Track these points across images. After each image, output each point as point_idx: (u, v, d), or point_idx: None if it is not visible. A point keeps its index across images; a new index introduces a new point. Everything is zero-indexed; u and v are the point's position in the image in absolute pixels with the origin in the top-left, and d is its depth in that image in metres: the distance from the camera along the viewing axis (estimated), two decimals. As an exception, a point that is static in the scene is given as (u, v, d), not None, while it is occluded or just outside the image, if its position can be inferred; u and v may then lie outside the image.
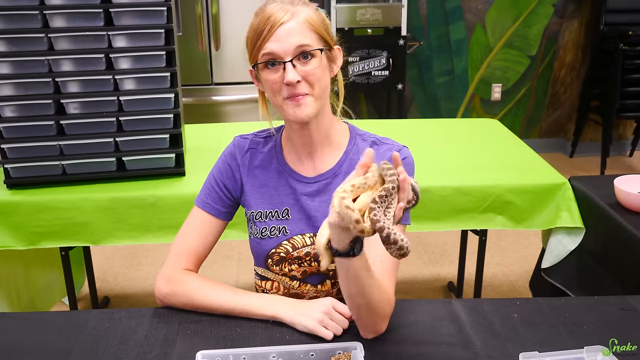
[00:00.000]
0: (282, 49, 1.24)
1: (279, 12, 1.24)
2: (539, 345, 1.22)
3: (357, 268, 1.12)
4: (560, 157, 4.93)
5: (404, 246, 1.00)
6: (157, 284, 1.37)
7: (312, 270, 1.40)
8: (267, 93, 1.31)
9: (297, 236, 1.38)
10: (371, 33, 4.16)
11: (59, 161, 2.13)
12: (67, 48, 2.03)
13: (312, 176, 1.38)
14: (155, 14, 2.06)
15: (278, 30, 1.24)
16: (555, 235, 2.23)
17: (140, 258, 3.34)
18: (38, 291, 2.47)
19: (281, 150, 1.41)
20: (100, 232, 2.12)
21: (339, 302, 1.27)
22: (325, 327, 1.23)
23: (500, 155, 2.49)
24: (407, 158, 1.35)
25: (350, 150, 1.39)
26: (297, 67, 1.24)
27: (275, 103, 1.31)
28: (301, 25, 1.25)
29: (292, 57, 1.24)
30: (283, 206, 1.39)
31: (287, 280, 1.42)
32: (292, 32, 1.24)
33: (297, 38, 1.24)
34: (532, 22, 4.69)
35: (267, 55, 1.25)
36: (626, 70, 4.24)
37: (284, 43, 1.24)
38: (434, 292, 3.06)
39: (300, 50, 1.24)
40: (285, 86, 1.25)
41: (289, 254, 1.38)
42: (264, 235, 1.39)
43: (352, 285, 1.15)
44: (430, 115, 4.86)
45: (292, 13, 1.25)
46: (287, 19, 1.24)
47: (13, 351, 1.22)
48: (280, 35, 1.24)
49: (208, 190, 1.41)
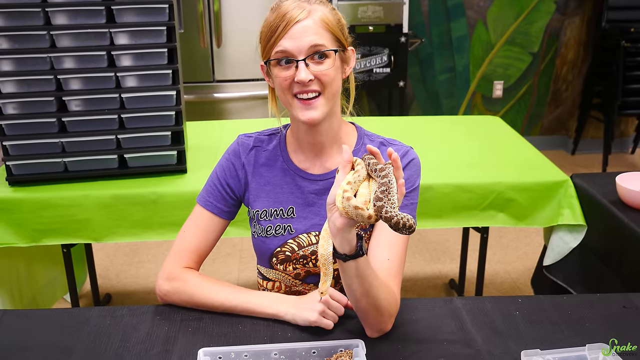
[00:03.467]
0: (296, 47, 1.23)
1: (295, 9, 1.23)
2: (541, 343, 1.23)
3: (363, 267, 1.14)
4: (562, 155, 4.93)
5: (406, 223, 1.01)
6: (158, 282, 1.37)
7: (316, 270, 1.39)
8: (277, 90, 1.31)
9: (303, 235, 1.38)
10: (372, 30, 4.15)
11: (60, 158, 2.13)
12: (69, 45, 2.03)
13: (318, 174, 1.38)
14: (157, 11, 2.06)
15: (293, 27, 1.22)
16: (557, 233, 2.23)
17: (142, 255, 3.34)
18: (40, 288, 2.47)
19: (286, 148, 1.41)
20: (101, 229, 2.12)
21: (333, 290, 1.27)
22: (325, 318, 1.25)
23: (501, 152, 2.49)
24: (414, 160, 1.36)
25: (359, 150, 1.38)
26: (309, 67, 1.24)
27: (284, 101, 1.30)
28: (317, 24, 1.24)
29: (305, 56, 1.23)
30: (288, 204, 1.38)
31: (290, 279, 1.42)
32: (307, 30, 1.23)
33: (312, 37, 1.23)
34: (533, 19, 4.69)
35: (280, 53, 1.24)
36: (628, 67, 4.23)
37: (298, 41, 1.23)
38: (436, 289, 3.06)
39: (314, 49, 1.23)
40: (295, 83, 1.25)
41: (295, 252, 1.38)
42: (269, 233, 1.39)
43: (358, 287, 1.16)
44: (431, 112, 4.85)
45: (309, 11, 1.24)
46: (303, 17, 1.23)
47: (15, 348, 1.22)
48: (295, 33, 1.22)
49: (211, 188, 1.41)
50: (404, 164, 1.34)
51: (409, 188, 1.33)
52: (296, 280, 1.42)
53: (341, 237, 1.09)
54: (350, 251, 1.11)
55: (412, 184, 1.34)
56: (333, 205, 1.08)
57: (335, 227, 1.08)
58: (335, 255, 1.13)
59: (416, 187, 1.34)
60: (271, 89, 1.37)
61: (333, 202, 1.08)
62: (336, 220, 1.08)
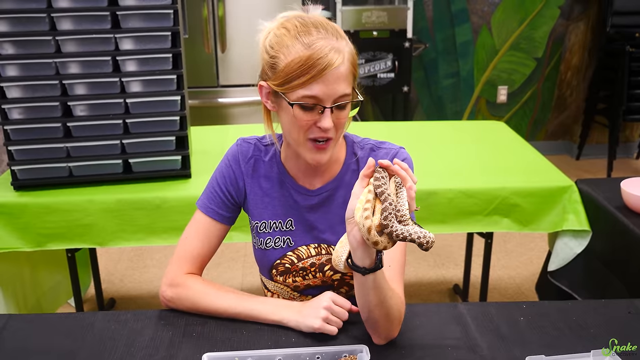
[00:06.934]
0: (327, 95, 1.18)
1: (332, 52, 1.16)
2: (546, 349, 1.22)
3: (380, 279, 1.14)
4: (567, 160, 4.92)
5: (422, 242, 1.01)
6: (161, 288, 1.37)
7: (316, 283, 1.39)
8: (289, 126, 1.25)
9: (302, 247, 1.38)
10: (377, 35, 4.16)
11: (65, 163, 2.13)
12: (74, 51, 2.04)
13: (313, 189, 1.37)
14: (162, 16, 2.06)
15: (330, 73, 1.16)
16: (561, 238, 2.22)
17: (146, 260, 3.35)
18: (44, 293, 2.48)
19: (282, 162, 1.38)
20: (106, 234, 2.12)
21: (336, 295, 1.27)
22: (329, 324, 1.24)
23: (506, 157, 2.48)
24: (406, 159, 1.34)
25: (350, 161, 1.37)
26: (333, 113, 1.20)
27: (293, 138, 1.25)
28: (347, 69, 1.19)
29: (332, 105, 1.19)
30: (287, 217, 1.38)
31: (289, 291, 1.42)
32: (340, 78, 1.18)
33: (343, 86, 1.19)
34: (538, 24, 4.69)
35: (309, 98, 1.18)
36: (633, 72, 4.22)
37: (331, 90, 1.17)
38: (440, 294, 3.05)
39: (341, 99, 1.20)
40: (315, 127, 1.21)
41: (294, 264, 1.38)
42: (268, 246, 1.38)
43: (373, 298, 1.16)
44: (435, 117, 4.85)
45: (343, 55, 1.18)
46: (339, 62, 1.17)
47: (19, 353, 1.23)
48: (329, 79, 1.17)
49: (211, 194, 1.39)
50: None
51: None
52: (295, 293, 1.42)
53: (362, 251, 1.09)
54: (370, 265, 1.11)
55: None
56: (352, 219, 1.08)
57: (356, 241, 1.08)
58: (353, 268, 1.13)
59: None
60: (266, 110, 1.31)
61: (352, 216, 1.08)
62: (357, 235, 1.08)
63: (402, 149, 1.37)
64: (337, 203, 1.36)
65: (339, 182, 1.36)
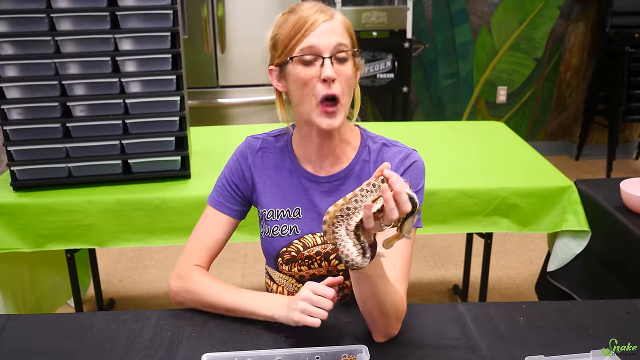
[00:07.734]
0: (324, 44, 1.24)
1: (318, 12, 1.26)
2: (545, 349, 1.22)
3: (370, 271, 1.13)
4: (566, 160, 4.92)
5: (347, 261, 1.04)
6: (169, 281, 1.39)
7: (321, 272, 1.40)
8: (296, 91, 1.29)
9: (308, 235, 1.38)
10: (376, 36, 4.16)
11: (65, 163, 2.13)
12: (74, 51, 2.04)
13: (324, 176, 1.38)
14: (161, 17, 2.07)
15: (320, 26, 1.25)
16: (561, 239, 2.22)
17: (146, 260, 3.35)
18: (44, 293, 2.48)
19: (292, 150, 1.41)
20: (105, 235, 2.12)
21: (316, 284, 1.22)
22: (310, 315, 1.19)
23: (505, 158, 2.48)
24: (417, 162, 1.35)
25: (363, 152, 1.39)
26: (333, 66, 1.25)
27: (305, 108, 1.28)
28: (340, 26, 1.27)
29: (331, 54, 1.25)
30: (295, 205, 1.39)
31: (293, 282, 1.42)
32: (333, 30, 1.26)
33: (338, 37, 1.26)
34: (537, 24, 4.69)
35: (307, 49, 1.24)
36: (632, 72, 4.22)
37: (326, 39, 1.24)
38: (439, 295, 3.05)
39: (339, 49, 1.25)
40: (320, 83, 1.25)
41: (300, 253, 1.39)
42: (275, 234, 1.40)
43: (365, 289, 1.16)
44: (435, 117, 4.85)
45: (331, 14, 1.27)
46: (328, 18, 1.26)
47: (18, 353, 1.23)
48: (322, 31, 1.25)
49: (220, 189, 1.43)
50: (406, 166, 1.34)
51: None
52: (299, 285, 1.42)
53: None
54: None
55: (415, 187, 1.33)
56: None
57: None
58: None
59: (420, 189, 1.34)
60: (279, 94, 1.37)
61: None
62: None
63: (414, 152, 1.38)
64: (347, 192, 1.36)
65: (350, 171, 1.38)
